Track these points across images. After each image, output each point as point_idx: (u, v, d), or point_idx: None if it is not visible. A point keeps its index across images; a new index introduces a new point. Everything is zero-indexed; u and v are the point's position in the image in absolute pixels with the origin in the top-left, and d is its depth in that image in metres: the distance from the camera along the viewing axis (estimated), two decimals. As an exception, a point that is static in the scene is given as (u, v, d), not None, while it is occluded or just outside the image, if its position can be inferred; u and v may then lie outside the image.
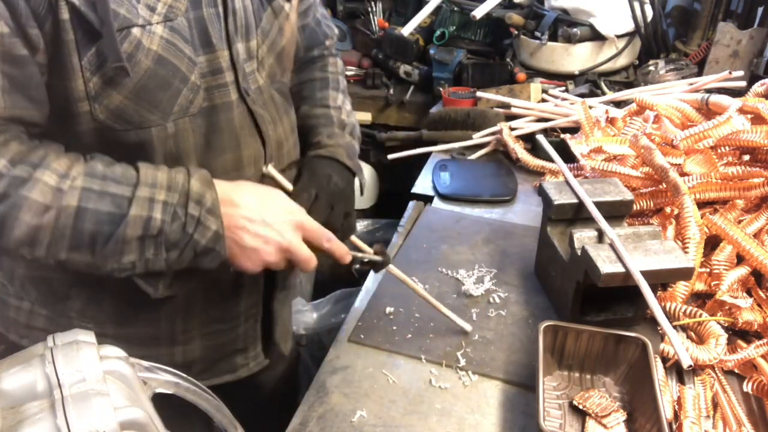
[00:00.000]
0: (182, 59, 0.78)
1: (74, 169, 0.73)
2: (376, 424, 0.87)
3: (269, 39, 0.91)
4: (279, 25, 0.92)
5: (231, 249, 0.80)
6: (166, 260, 0.77)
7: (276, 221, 0.82)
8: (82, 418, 0.46)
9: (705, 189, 1.15)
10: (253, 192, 0.84)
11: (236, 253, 0.81)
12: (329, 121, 1.08)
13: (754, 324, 0.98)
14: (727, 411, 0.88)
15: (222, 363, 1.05)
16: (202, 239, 0.77)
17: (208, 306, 0.97)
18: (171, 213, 0.75)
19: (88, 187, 0.72)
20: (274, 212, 0.83)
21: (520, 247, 1.26)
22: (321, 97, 1.11)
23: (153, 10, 0.74)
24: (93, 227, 0.72)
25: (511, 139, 1.61)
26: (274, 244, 0.82)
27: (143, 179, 0.75)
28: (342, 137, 1.06)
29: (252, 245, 0.81)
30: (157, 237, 0.75)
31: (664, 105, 1.36)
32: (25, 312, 0.93)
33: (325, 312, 1.81)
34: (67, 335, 0.55)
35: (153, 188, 0.75)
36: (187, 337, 0.98)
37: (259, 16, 0.88)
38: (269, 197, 0.84)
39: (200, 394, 0.62)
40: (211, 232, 0.78)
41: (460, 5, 2.16)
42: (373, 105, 2.31)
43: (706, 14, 2.03)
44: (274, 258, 0.82)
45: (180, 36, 0.77)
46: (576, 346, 0.92)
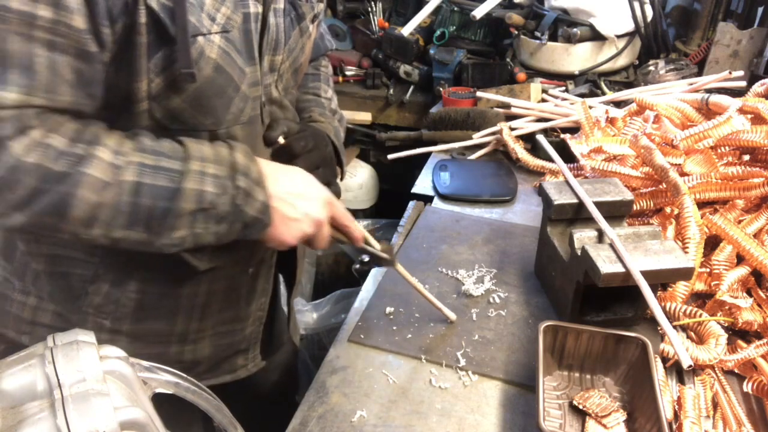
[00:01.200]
0: (235, 69, 0.81)
1: (125, 144, 0.73)
2: (376, 424, 0.87)
3: (292, 56, 0.95)
4: (302, 44, 0.97)
5: (273, 220, 0.82)
6: (215, 233, 0.78)
7: (312, 195, 0.85)
8: (82, 418, 0.46)
9: (705, 189, 1.15)
10: (287, 168, 0.87)
11: (277, 223, 0.82)
12: (319, 105, 1.13)
13: (754, 324, 0.98)
14: (727, 411, 0.88)
15: (224, 363, 1.06)
16: (250, 210, 0.79)
17: (225, 306, 1.00)
18: (221, 186, 0.76)
19: (142, 162, 0.73)
20: (310, 187, 0.86)
21: (520, 247, 1.26)
22: (313, 86, 1.16)
23: (213, 20, 0.76)
24: (149, 202, 0.72)
25: (511, 139, 1.61)
26: (312, 217, 0.84)
27: (192, 152, 0.76)
28: (332, 120, 1.10)
29: (293, 216, 0.82)
30: (208, 210, 0.76)
31: (664, 105, 1.36)
32: (30, 308, 0.93)
33: (325, 312, 1.82)
34: (67, 335, 0.55)
35: (203, 162, 0.76)
36: (199, 336, 1.00)
37: (288, 34, 0.92)
38: (302, 174, 0.87)
39: (200, 394, 0.62)
40: (259, 202, 0.79)
41: (460, 5, 2.16)
42: (373, 105, 2.31)
43: (706, 14, 2.03)
44: (309, 230, 0.84)
45: (234, 47, 0.80)
46: (576, 346, 0.92)
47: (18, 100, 0.65)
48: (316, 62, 1.20)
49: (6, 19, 0.62)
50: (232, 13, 0.78)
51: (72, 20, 0.65)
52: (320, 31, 1.16)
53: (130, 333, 0.94)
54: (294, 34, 0.94)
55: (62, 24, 0.65)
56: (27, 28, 0.63)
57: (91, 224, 0.71)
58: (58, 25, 0.65)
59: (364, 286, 1.16)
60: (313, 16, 0.98)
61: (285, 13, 0.90)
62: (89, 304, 0.90)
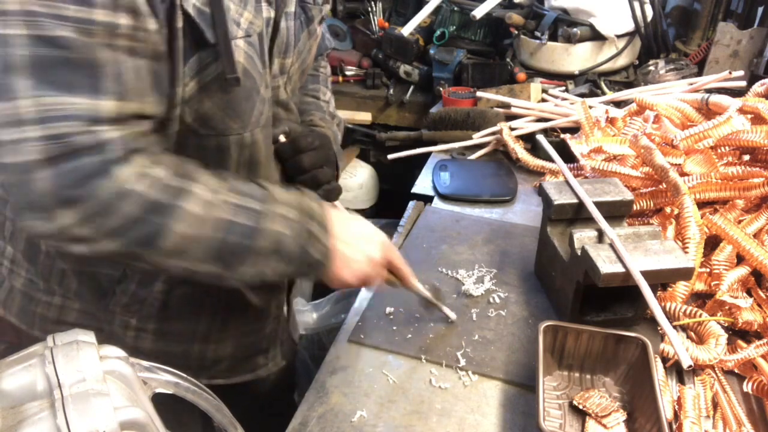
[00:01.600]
0: (257, 73, 0.82)
1: (217, 183, 0.76)
2: (376, 424, 0.87)
3: (301, 58, 0.97)
4: (310, 46, 0.98)
5: (335, 261, 0.85)
6: (277, 272, 0.81)
7: (372, 238, 0.89)
8: (82, 418, 0.46)
9: (705, 189, 1.15)
10: (348, 215, 0.93)
11: (340, 264, 0.85)
12: (319, 108, 1.14)
13: (754, 324, 0.98)
14: (727, 411, 0.88)
15: (245, 362, 1.08)
16: (316, 254, 0.82)
17: (247, 305, 1.01)
18: (295, 229, 0.80)
19: (233, 202, 0.75)
20: (369, 230, 0.90)
21: (520, 247, 1.26)
22: (312, 88, 1.17)
23: (238, 25, 0.77)
24: (234, 239, 0.75)
25: (511, 139, 1.61)
26: (371, 259, 0.88)
27: (274, 197, 0.80)
28: (331, 125, 1.11)
29: (355, 257, 0.86)
30: (280, 251, 0.79)
31: (664, 105, 1.36)
32: (56, 307, 0.94)
33: (325, 312, 1.81)
34: (67, 335, 0.55)
35: (283, 206, 0.80)
36: (222, 336, 1.02)
37: (298, 37, 0.93)
38: (361, 219, 0.93)
39: (200, 394, 0.62)
40: (323, 246, 0.83)
41: (460, 5, 2.16)
42: (373, 105, 2.31)
43: (706, 14, 2.03)
44: (370, 271, 0.88)
45: (255, 51, 0.81)
46: (576, 346, 0.92)
47: (115, 108, 0.66)
48: (316, 63, 1.21)
49: (92, 32, 0.63)
50: (253, 18, 0.79)
51: (148, 23, 0.67)
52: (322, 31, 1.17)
53: (155, 331, 0.96)
54: (303, 36, 0.95)
55: (140, 29, 0.67)
56: (111, 37, 0.65)
57: (179, 256, 0.73)
58: (137, 31, 0.66)
59: (364, 286, 1.16)
60: (321, 18, 0.99)
61: (295, 17, 0.91)
62: (116, 303, 0.92)
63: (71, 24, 0.62)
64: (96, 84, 0.64)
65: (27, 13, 0.60)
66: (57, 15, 0.61)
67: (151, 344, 0.96)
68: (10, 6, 0.60)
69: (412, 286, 0.97)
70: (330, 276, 0.85)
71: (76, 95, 0.63)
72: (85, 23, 0.62)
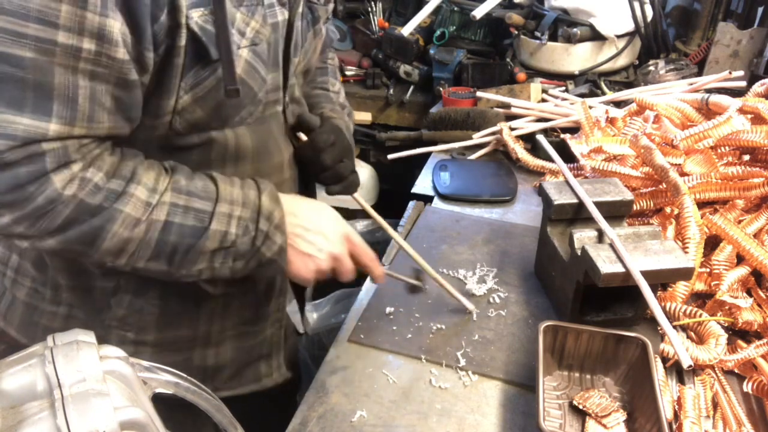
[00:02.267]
0: (257, 80, 0.82)
1: (160, 182, 0.76)
2: (376, 424, 0.87)
3: (306, 57, 0.97)
4: (314, 45, 0.99)
5: (289, 255, 0.85)
6: (231, 268, 0.82)
7: (329, 231, 0.88)
8: (82, 418, 0.46)
9: (705, 189, 1.15)
10: (308, 204, 0.91)
11: (293, 259, 0.86)
12: (329, 100, 1.14)
13: (754, 324, 0.98)
14: (727, 411, 0.88)
15: (248, 370, 1.06)
16: (267, 252, 0.83)
17: (243, 307, 1.01)
18: (243, 227, 0.80)
19: (174, 203, 0.76)
20: (328, 223, 0.89)
21: (520, 247, 1.26)
22: (321, 81, 1.17)
23: (243, 35, 0.77)
24: (176, 239, 0.76)
25: (511, 139, 1.61)
26: (327, 253, 0.87)
27: (222, 195, 0.80)
28: (342, 115, 1.11)
29: (308, 251, 0.86)
30: (228, 249, 0.80)
31: (664, 105, 1.36)
32: (61, 317, 0.93)
33: (325, 312, 1.82)
34: (67, 335, 0.55)
35: (231, 204, 0.80)
36: (221, 338, 1.01)
37: (304, 37, 0.94)
38: (322, 209, 0.91)
39: (200, 394, 0.62)
40: (277, 245, 0.83)
41: (460, 5, 2.16)
42: (373, 105, 2.31)
43: (706, 14, 2.03)
44: (325, 265, 0.88)
45: (260, 59, 0.81)
46: (576, 346, 0.92)
47: (59, 131, 0.67)
48: (324, 55, 1.21)
49: (52, 52, 0.63)
50: (261, 27, 0.79)
51: (115, 52, 0.67)
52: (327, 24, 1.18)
53: (154, 343, 0.95)
54: (309, 36, 0.95)
55: (104, 56, 0.67)
56: (72, 60, 0.65)
57: (118, 255, 0.75)
58: (101, 57, 0.66)
59: (364, 286, 1.16)
60: (326, 17, 0.99)
61: (303, 17, 0.92)
62: (113, 317, 0.91)
63: (30, 42, 0.62)
64: (44, 105, 0.65)
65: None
66: (17, 32, 0.61)
67: (150, 357, 0.94)
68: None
69: (381, 281, 0.97)
70: (287, 272, 0.86)
71: (18, 114, 0.64)
72: (46, 43, 0.63)
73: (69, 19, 0.62)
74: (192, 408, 0.61)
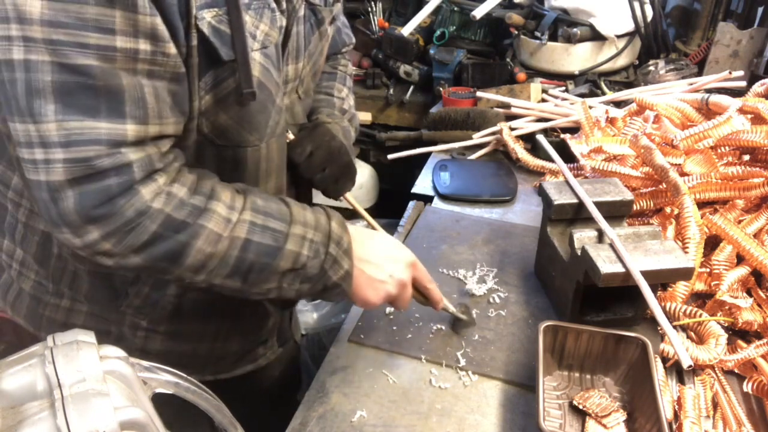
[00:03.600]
0: (273, 84, 0.83)
1: (237, 201, 0.77)
2: (376, 424, 0.87)
3: (312, 60, 0.97)
4: (321, 47, 0.98)
5: (358, 281, 0.86)
6: (297, 290, 0.83)
7: (398, 258, 0.89)
8: (82, 418, 0.46)
9: (705, 189, 1.15)
10: (374, 234, 0.93)
11: (363, 284, 0.86)
12: (330, 105, 1.13)
13: (754, 324, 0.98)
14: (727, 411, 0.88)
15: (248, 355, 1.09)
16: (334, 276, 0.83)
17: (256, 303, 1.02)
18: (315, 250, 0.81)
19: (253, 221, 0.77)
20: (396, 251, 0.90)
21: (520, 247, 1.26)
22: (326, 86, 1.16)
23: (254, 38, 0.77)
24: (253, 257, 0.77)
25: (511, 139, 1.61)
26: (396, 279, 0.88)
27: (296, 217, 0.81)
28: (341, 120, 1.10)
29: (379, 277, 0.87)
30: (299, 270, 0.81)
31: (664, 105, 1.36)
32: (64, 310, 0.95)
33: (325, 312, 1.82)
34: (67, 335, 0.55)
35: (304, 227, 0.81)
36: (230, 334, 1.03)
37: (308, 40, 0.93)
38: (387, 237, 0.94)
39: (200, 394, 0.62)
40: (343, 270, 0.84)
41: (460, 5, 2.16)
42: (373, 105, 2.31)
43: (706, 14, 2.03)
44: (394, 291, 0.88)
45: (271, 62, 0.81)
46: (576, 346, 0.92)
47: (137, 131, 0.68)
48: (334, 60, 1.20)
49: (113, 59, 0.65)
50: (270, 30, 0.80)
51: (168, 48, 0.69)
52: (338, 25, 1.17)
53: (165, 332, 0.96)
54: (314, 39, 0.95)
55: (159, 54, 0.68)
56: (132, 63, 0.66)
57: (199, 271, 0.75)
58: (157, 56, 0.68)
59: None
60: (331, 18, 0.98)
61: (305, 20, 0.91)
62: (129, 305, 0.92)
63: (93, 51, 0.63)
64: (117, 109, 0.66)
65: (51, 42, 0.62)
66: (79, 43, 0.63)
67: (161, 344, 0.97)
68: (34, 33, 0.62)
69: (439, 306, 0.97)
70: (352, 297, 0.87)
71: (99, 120, 0.65)
72: (107, 50, 0.64)
73: (124, 23, 0.64)
74: (188, 406, 0.61)
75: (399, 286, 0.88)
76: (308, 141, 0.98)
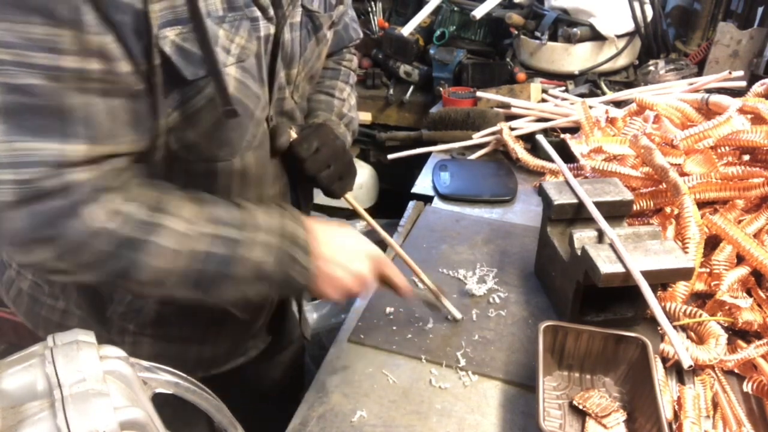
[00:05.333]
0: (251, 97, 0.81)
1: (195, 213, 0.76)
2: (376, 424, 0.87)
3: (308, 66, 0.95)
4: (318, 52, 0.97)
5: (318, 280, 0.85)
6: (259, 293, 0.82)
7: (359, 254, 0.88)
8: (82, 418, 0.46)
9: (705, 189, 1.15)
10: (335, 228, 0.91)
11: (323, 281, 0.85)
12: (329, 108, 1.11)
13: (754, 324, 0.98)
14: (727, 411, 0.88)
15: (238, 350, 1.09)
16: (298, 277, 0.82)
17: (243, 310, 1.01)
18: (277, 255, 0.80)
19: (209, 232, 0.76)
20: (357, 246, 0.90)
21: (520, 247, 1.26)
22: (329, 85, 1.14)
23: (228, 52, 0.75)
24: (215, 269, 0.76)
25: (511, 139, 1.61)
26: (356, 275, 0.87)
27: (255, 222, 0.80)
28: (338, 126, 1.08)
29: (339, 275, 0.86)
30: (262, 278, 0.80)
31: (664, 105, 1.36)
32: (59, 311, 0.95)
33: (325, 312, 1.82)
34: (67, 335, 0.55)
35: (264, 232, 0.80)
36: (218, 339, 1.03)
37: (304, 46, 0.91)
38: (344, 230, 0.91)
39: (200, 394, 0.61)
40: (306, 270, 0.83)
41: (460, 5, 2.16)
42: (373, 105, 2.31)
43: (706, 14, 2.03)
44: (355, 287, 0.88)
45: (249, 74, 0.79)
46: (576, 346, 0.92)
47: (85, 151, 0.67)
48: (339, 56, 1.18)
49: (62, 78, 0.63)
50: (246, 42, 0.77)
51: (119, 67, 0.67)
52: (346, 20, 1.14)
53: (153, 335, 0.96)
54: (310, 44, 0.93)
55: (112, 73, 0.66)
56: (81, 82, 0.65)
57: (157, 286, 0.75)
58: (108, 74, 0.66)
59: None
60: (331, 23, 0.97)
61: (302, 26, 0.89)
62: (113, 311, 0.92)
63: (39, 71, 0.62)
64: (65, 129, 0.65)
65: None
66: (25, 63, 0.61)
67: (150, 347, 0.97)
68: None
69: (407, 295, 0.96)
70: (314, 292, 0.86)
71: (46, 141, 0.64)
72: (54, 70, 0.63)
73: (71, 42, 0.62)
74: (187, 405, 0.61)
75: (360, 281, 0.88)
76: (314, 137, 0.96)
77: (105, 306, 0.92)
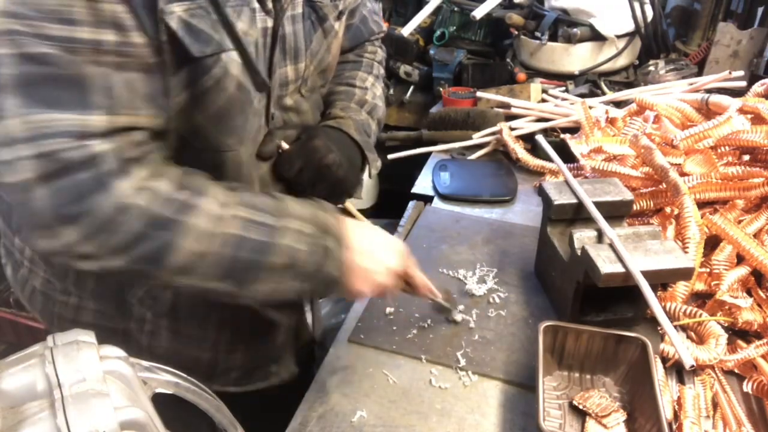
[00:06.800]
0: (251, 85, 0.79)
1: (227, 196, 0.73)
2: (376, 424, 0.87)
3: (317, 59, 0.93)
4: (327, 44, 0.94)
5: (353, 274, 0.81)
6: (295, 290, 0.78)
7: (391, 248, 0.86)
8: (82, 418, 0.46)
9: (705, 189, 1.15)
10: (362, 225, 0.88)
11: (357, 275, 0.82)
12: (348, 96, 1.08)
13: (754, 324, 0.98)
14: (727, 411, 0.88)
15: (258, 371, 1.07)
16: (332, 270, 0.79)
17: (255, 319, 1.00)
18: (311, 245, 0.77)
19: (244, 216, 0.73)
20: (387, 240, 0.87)
21: (520, 247, 1.26)
22: (348, 76, 1.12)
23: None
24: (248, 255, 0.72)
25: (511, 139, 1.61)
26: (389, 268, 0.85)
27: (288, 210, 0.77)
28: (357, 113, 1.04)
29: (373, 267, 0.83)
30: (296, 267, 0.76)
31: (664, 105, 1.36)
32: (72, 307, 0.94)
33: (325, 312, 1.81)
34: (67, 335, 0.55)
35: (298, 220, 0.77)
36: (231, 347, 1.01)
37: (309, 38, 0.90)
38: (375, 228, 0.89)
39: (200, 394, 0.62)
40: (340, 262, 0.79)
41: (460, 5, 2.16)
42: (374, 105, 2.30)
43: (706, 14, 2.03)
44: (387, 281, 0.85)
45: (250, 62, 0.78)
46: (576, 346, 0.92)
47: (106, 122, 0.65)
48: (361, 48, 1.15)
49: (78, 51, 0.62)
50: (248, 28, 0.76)
51: (134, 38, 0.65)
52: (364, 14, 1.12)
53: (168, 328, 0.95)
54: (316, 37, 0.91)
55: (126, 44, 0.65)
56: (96, 54, 0.63)
57: (188, 273, 0.71)
58: (123, 47, 0.65)
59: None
60: (337, 13, 0.94)
61: (304, 18, 0.87)
62: (134, 295, 0.91)
63: (55, 43, 0.61)
64: (84, 99, 0.63)
65: (9, 32, 0.60)
66: (40, 34, 0.60)
67: (167, 342, 0.96)
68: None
69: (426, 295, 0.95)
70: (347, 289, 0.82)
71: (65, 111, 0.62)
72: (69, 41, 0.61)
73: (85, 13, 0.61)
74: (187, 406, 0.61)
75: (392, 276, 0.85)
76: (297, 157, 0.93)
77: (123, 289, 0.91)
